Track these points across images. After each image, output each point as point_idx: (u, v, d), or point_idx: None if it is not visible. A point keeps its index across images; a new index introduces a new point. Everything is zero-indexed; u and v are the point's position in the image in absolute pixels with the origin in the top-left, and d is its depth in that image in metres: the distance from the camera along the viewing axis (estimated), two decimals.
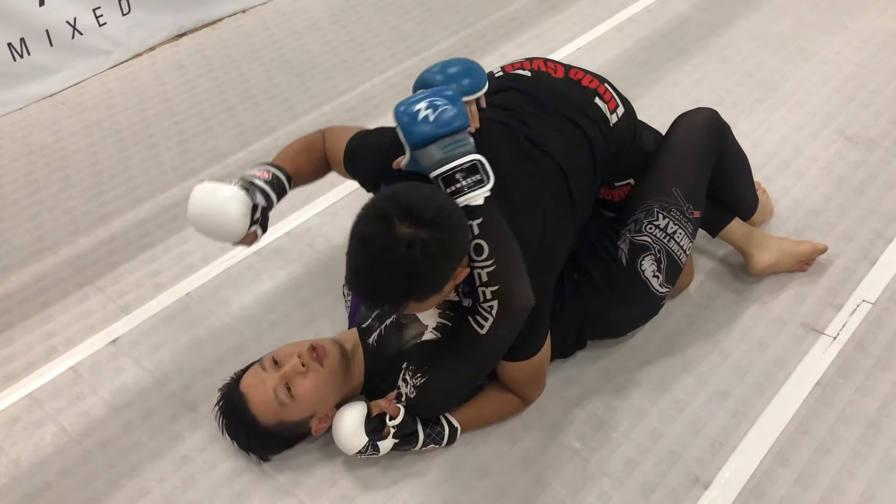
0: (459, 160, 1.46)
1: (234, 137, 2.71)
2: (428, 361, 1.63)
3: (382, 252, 1.36)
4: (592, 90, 1.76)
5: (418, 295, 1.43)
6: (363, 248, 1.39)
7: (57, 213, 2.43)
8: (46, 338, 2.04)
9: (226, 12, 3.33)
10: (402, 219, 1.36)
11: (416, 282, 1.40)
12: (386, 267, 1.37)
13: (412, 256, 1.35)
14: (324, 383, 1.63)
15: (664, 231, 1.78)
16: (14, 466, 1.75)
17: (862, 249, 2.13)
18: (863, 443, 1.71)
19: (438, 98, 1.47)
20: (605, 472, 1.68)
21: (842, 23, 3.06)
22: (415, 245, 1.35)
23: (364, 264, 1.39)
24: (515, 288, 1.51)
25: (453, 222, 1.41)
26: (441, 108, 1.45)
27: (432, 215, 1.37)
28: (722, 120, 1.93)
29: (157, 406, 1.86)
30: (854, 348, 1.89)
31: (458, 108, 1.47)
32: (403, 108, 1.48)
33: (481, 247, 1.48)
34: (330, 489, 1.67)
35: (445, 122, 1.45)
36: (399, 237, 1.35)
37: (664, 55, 2.95)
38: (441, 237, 1.37)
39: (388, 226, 1.36)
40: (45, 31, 2.84)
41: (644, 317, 1.89)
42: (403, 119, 1.47)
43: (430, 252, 1.36)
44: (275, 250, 2.25)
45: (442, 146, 1.46)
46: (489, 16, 3.26)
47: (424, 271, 1.38)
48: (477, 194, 1.47)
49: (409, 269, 1.36)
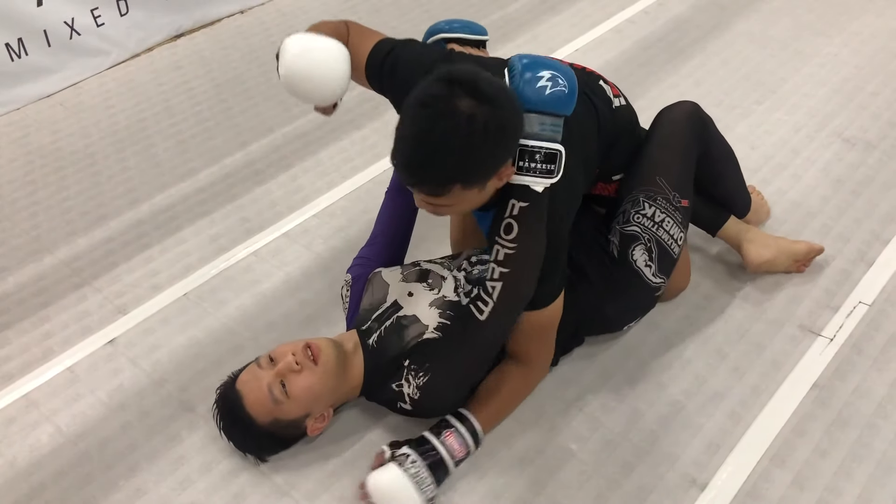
0: (548, 143, 1.46)
1: (233, 138, 2.71)
2: (429, 359, 1.63)
3: (441, 117, 1.34)
4: (597, 76, 1.83)
5: (465, 176, 1.39)
6: (425, 113, 1.36)
7: (54, 213, 2.43)
8: (43, 338, 2.04)
9: (224, 13, 3.34)
10: (466, 92, 1.34)
11: (469, 158, 1.37)
12: (444, 134, 1.34)
13: (472, 128, 1.33)
14: (318, 382, 1.62)
15: (651, 219, 1.79)
16: (10, 467, 1.75)
17: (859, 251, 2.14)
18: (859, 444, 1.71)
19: (562, 77, 1.46)
20: (601, 473, 1.68)
21: (840, 25, 3.07)
22: (477, 118, 1.34)
23: (421, 129, 1.36)
24: (523, 277, 1.53)
25: (514, 105, 1.41)
26: (560, 87, 1.44)
27: (495, 93, 1.37)
28: (703, 111, 1.95)
29: (154, 407, 1.86)
30: (851, 350, 1.90)
31: (573, 94, 1.47)
32: (528, 62, 1.46)
33: (511, 227, 1.50)
34: (327, 490, 1.67)
35: (557, 102, 1.45)
36: (462, 109, 1.34)
37: (662, 57, 2.95)
38: (502, 115, 1.37)
39: (451, 95, 1.34)
40: (43, 31, 2.84)
41: (640, 309, 1.89)
42: (525, 75, 1.45)
43: (489, 128, 1.35)
44: (272, 251, 2.25)
45: (541, 121, 1.46)
46: (488, 17, 3.27)
47: (479, 147, 1.36)
48: (540, 181, 1.48)
49: (466, 140, 1.34)
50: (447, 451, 1.60)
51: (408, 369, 1.64)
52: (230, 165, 2.58)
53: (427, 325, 1.68)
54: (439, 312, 1.68)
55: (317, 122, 2.74)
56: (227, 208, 2.41)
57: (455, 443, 1.62)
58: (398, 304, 1.74)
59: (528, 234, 1.51)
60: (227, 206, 2.42)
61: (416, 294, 1.74)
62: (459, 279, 1.74)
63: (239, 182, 2.51)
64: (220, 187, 2.49)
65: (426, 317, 1.69)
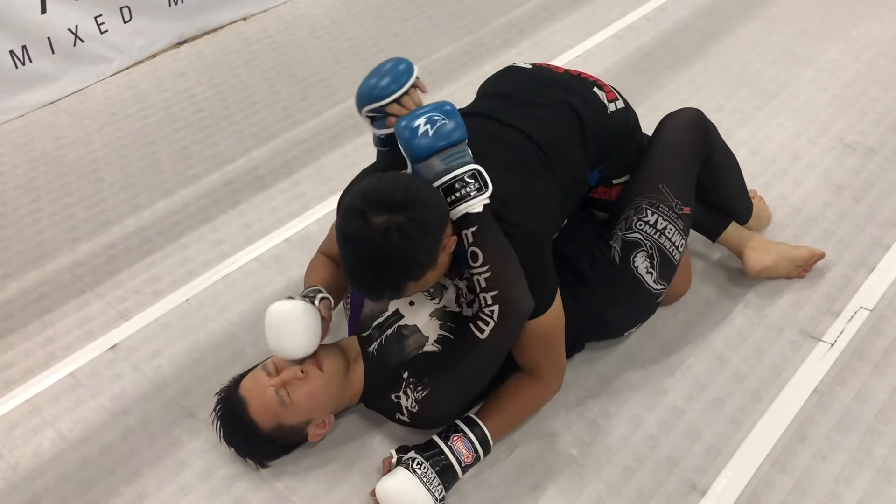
0: (459, 170, 1.51)
1: (235, 144, 2.72)
2: (428, 374, 1.64)
3: (365, 246, 1.43)
4: (591, 82, 1.85)
5: (412, 275, 1.48)
6: (348, 247, 1.46)
7: (57, 219, 2.44)
8: (46, 344, 2.05)
9: (226, 20, 3.35)
10: (374, 210, 1.42)
11: (406, 264, 1.45)
12: (373, 259, 1.43)
13: (392, 242, 1.41)
14: (322, 389, 1.63)
15: (654, 227, 1.79)
16: (13, 472, 1.76)
17: (860, 256, 2.14)
18: (860, 450, 1.71)
19: (437, 113, 1.52)
20: (602, 478, 1.68)
21: (841, 30, 3.07)
22: (391, 231, 1.41)
23: (353, 262, 1.47)
24: (514, 291, 1.54)
25: (421, 198, 1.46)
26: (439, 123, 1.51)
27: (400, 198, 1.43)
28: (706, 118, 1.95)
29: (155, 412, 1.86)
30: (852, 355, 1.89)
31: (456, 121, 1.53)
32: (404, 124, 1.53)
33: (476, 254, 1.53)
34: (327, 496, 1.67)
35: (444, 136, 1.51)
36: (376, 227, 1.41)
37: (663, 63, 2.96)
38: (414, 215, 1.43)
39: (363, 220, 1.42)
40: (47, 38, 2.86)
41: (641, 315, 1.89)
42: (405, 134, 1.52)
43: (408, 233, 1.42)
44: (274, 257, 2.25)
45: (442, 158, 1.51)
46: (489, 23, 3.28)
47: (410, 252, 1.44)
48: (476, 202, 1.51)
49: (394, 254, 1.42)
50: (454, 455, 1.61)
51: (406, 382, 1.65)
52: (232, 171, 2.59)
53: (427, 336, 1.69)
54: (440, 324, 1.69)
55: (318, 128, 2.75)
56: (229, 214, 2.42)
57: (463, 447, 1.62)
58: (399, 313, 1.74)
59: (492, 251, 1.53)
60: (228, 212, 2.43)
61: (417, 303, 1.74)
62: (462, 289, 1.74)
63: (241, 188, 2.52)
64: (222, 193, 2.50)
65: (427, 328, 1.70)
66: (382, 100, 1.66)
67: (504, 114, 1.73)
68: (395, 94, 1.66)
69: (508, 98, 1.79)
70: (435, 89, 2.90)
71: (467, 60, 3.06)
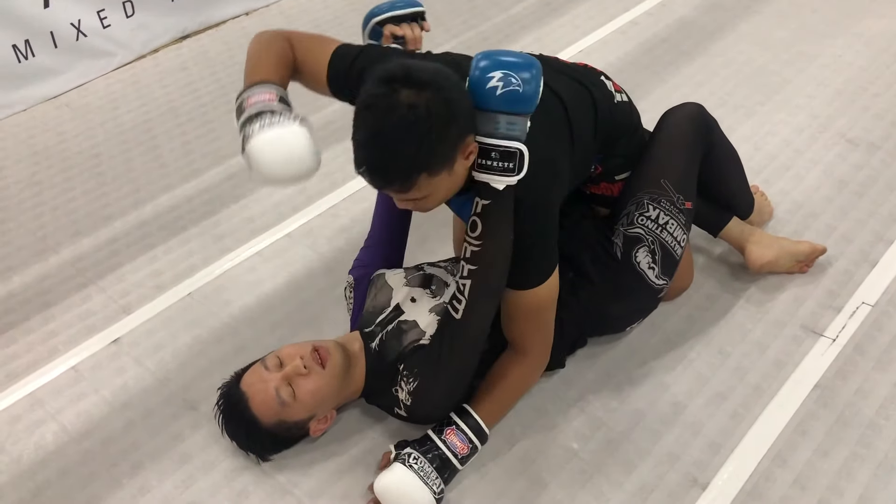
0: (504, 142, 1.44)
1: (237, 139, 2.69)
2: (418, 364, 1.64)
3: (386, 114, 1.35)
4: (598, 72, 1.84)
5: (428, 164, 1.39)
6: (369, 114, 1.37)
7: (60, 213, 2.44)
8: (48, 337, 2.05)
9: (229, 15, 3.35)
10: (403, 85, 1.35)
11: (423, 145, 1.36)
12: (392, 131, 1.35)
13: (417, 115, 1.34)
14: (325, 385, 1.63)
15: (655, 222, 1.79)
16: (15, 465, 1.76)
17: (862, 252, 2.14)
18: (861, 445, 1.71)
19: (516, 75, 1.42)
20: (603, 473, 1.68)
21: (844, 26, 3.07)
22: (418, 104, 1.34)
23: (370, 132, 1.37)
24: (491, 273, 1.52)
25: (452, 83, 1.40)
26: (513, 87, 1.41)
27: (431, 76, 1.37)
28: (707, 113, 1.94)
29: (157, 406, 1.86)
30: (853, 350, 1.90)
31: (531, 92, 1.43)
32: (483, 63, 1.43)
33: (476, 224, 1.50)
34: (329, 489, 1.68)
35: (509, 101, 1.42)
36: (402, 100, 1.34)
37: (666, 58, 2.96)
38: (442, 95, 1.36)
39: (390, 92, 1.35)
40: (50, 32, 2.86)
41: (643, 311, 1.90)
42: (475, 73, 1.43)
43: (433, 110, 1.35)
44: (276, 251, 2.26)
45: (495, 120, 1.44)
46: (491, 18, 3.27)
47: (429, 131, 1.35)
48: (500, 180, 1.47)
49: (414, 128, 1.34)
50: (449, 448, 1.61)
51: (402, 374, 1.65)
52: (235, 166, 2.59)
53: (425, 331, 1.69)
54: (438, 320, 1.69)
55: (321, 123, 2.74)
56: (232, 209, 2.42)
57: (457, 440, 1.62)
58: (400, 309, 1.75)
59: (491, 231, 1.50)
60: (231, 206, 2.43)
61: (418, 300, 1.75)
62: None
63: (243, 183, 2.52)
64: (225, 188, 2.50)
65: (426, 323, 1.70)
66: (383, 14, 1.66)
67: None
68: (395, 12, 1.66)
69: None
70: None
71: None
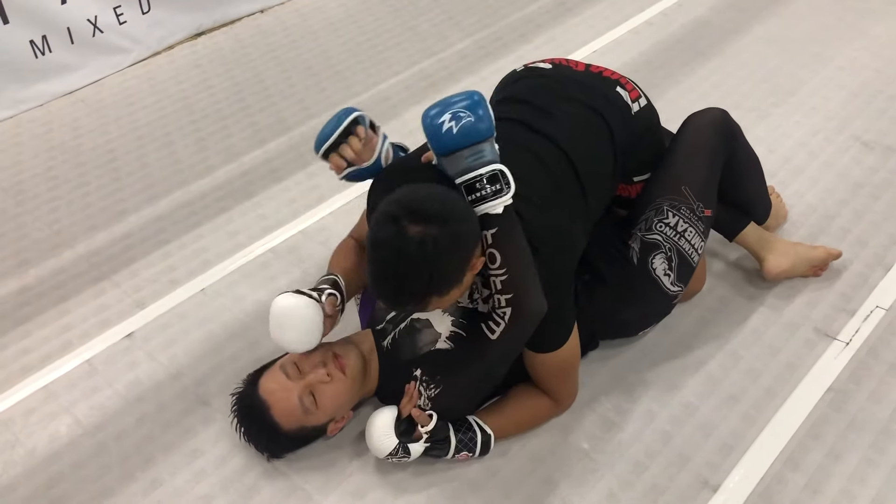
0: (481, 170, 1.48)
1: (251, 136, 2.73)
2: (440, 372, 1.64)
3: (397, 253, 1.40)
4: (614, 80, 1.82)
5: (438, 290, 1.45)
6: (378, 253, 1.42)
7: (75, 208, 2.46)
8: (63, 331, 2.06)
9: (244, 12, 3.36)
10: (409, 219, 1.39)
11: (434, 277, 1.42)
12: (402, 267, 1.40)
13: (425, 252, 1.38)
14: (347, 391, 1.65)
15: (674, 229, 1.78)
16: (30, 457, 1.77)
17: (876, 255, 2.12)
18: (874, 449, 1.70)
19: (462, 107, 1.48)
20: (613, 473, 1.68)
21: (860, 28, 3.05)
22: (426, 241, 1.38)
23: (381, 268, 1.43)
24: (528, 295, 1.53)
25: (459, 213, 1.44)
26: (464, 120, 1.46)
27: (438, 210, 1.41)
28: (732, 119, 1.93)
29: (170, 400, 1.88)
30: (867, 354, 1.89)
31: (482, 115, 1.48)
32: (430, 119, 1.50)
33: (495, 256, 1.51)
34: (340, 485, 1.68)
35: (467, 133, 1.47)
36: (411, 236, 1.39)
37: (680, 59, 2.95)
38: (450, 230, 1.41)
39: (398, 227, 1.39)
40: (67, 28, 2.88)
41: (656, 316, 1.89)
42: (429, 129, 1.49)
43: (442, 246, 1.39)
44: (289, 248, 2.26)
45: (464, 155, 1.48)
46: (506, 18, 3.27)
47: (440, 265, 1.41)
48: (497, 203, 1.49)
49: (425, 265, 1.39)
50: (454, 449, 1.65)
51: (420, 380, 1.65)
52: (248, 163, 2.60)
53: (440, 332, 1.69)
54: (452, 320, 1.69)
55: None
56: (245, 205, 2.43)
57: (465, 451, 1.66)
58: None
59: (511, 255, 1.51)
60: (244, 203, 2.44)
61: None
62: (476, 284, 1.74)
63: (257, 179, 2.53)
64: (238, 184, 2.51)
65: (439, 323, 1.70)
66: (321, 149, 1.70)
67: (536, 121, 1.70)
68: (328, 143, 1.68)
69: (531, 105, 1.75)
70: (451, 83, 2.90)
71: (483, 55, 3.05)
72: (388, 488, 1.67)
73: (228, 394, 1.72)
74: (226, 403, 1.76)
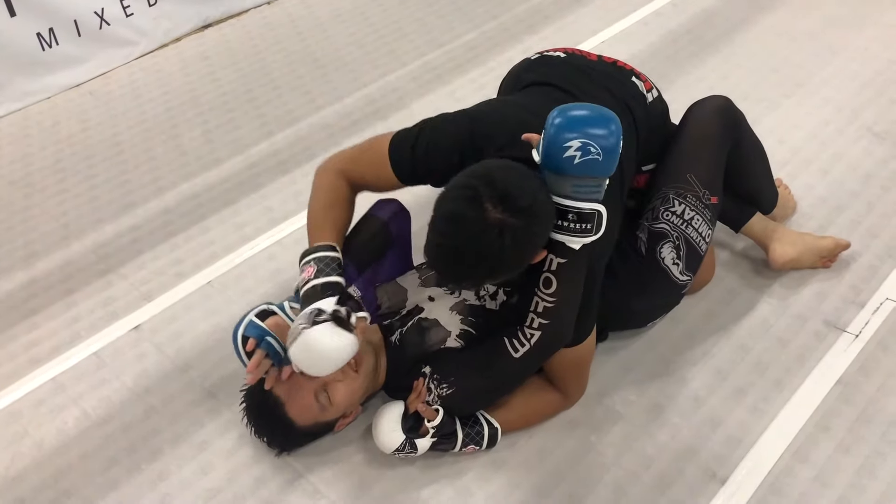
0: (581, 204, 1.43)
1: (258, 128, 2.72)
2: (454, 373, 1.64)
3: (474, 238, 1.34)
4: (629, 70, 1.82)
5: (496, 277, 1.43)
6: (454, 229, 1.35)
7: (82, 201, 2.46)
8: (70, 323, 2.07)
9: (251, 4, 3.36)
10: (495, 203, 1.33)
11: (499, 268, 1.39)
12: (475, 252, 1.35)
13: (503, 244, 1.34)
14: (359, 388, 1.66)
15: (681, 217, 1.77)
16: (38, 449, 1.78)
17: (887, 247, 2.11)
18: (884, 442, 1.69)
19: (594, 144, 1.38)
20: (621, 466, 1.68)
21: (871, 18, 3.02)
22: (506, 233, 1.34)
23: (453, 246, 1.36)
24: (562, 328, 1.55)
25: (545, 212, 1.40)
26: (592, 156, 1.38)
27: (527, 203, 1.35)
28: (735, 107, 1.92)
29: (177, 392, 1.88)
30: (877, 347, 1.87)
31: (610, 160, 1.41)
32: (557, 132, 1.38)
33: (551, 281, 1.50)
34: (347, 477, 1.68)
35: (588, 169, 1.40)
36: (491, 222, 1.33)
37: (689, 49, 2.93)
38: (532, 228, 1.37)
39: (480, 209, 1.33)
40: (74, 21, 2.88)
41: (665, 306, 1.88)
42: (552, 140, 1.39)
43: (520, 241, 1.36)
44: (296, 241, 2.26)
45: (574, 183, 1.42)
46: (513, 8, 3.26)
47: (507, 258, 1.37)
48: (578, 240, 1.46)
49: (495, 256, 1.35)
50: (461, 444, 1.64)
51: (430, 377, 1.64)
52: (255, 155, 2.60)
53: (450, 331, 1.69)
54: (461, 318, 1.69)
55: (341, 112, 2.75)
56: (252, 197, 2.43)
57: (472, 445, 1.66)
58: (419, 307, 1.75)
59: (566, 288, 1.51)
60: (251, 195, 2.44)
61: (436, 298, 1.75)
62: None
63: (264, 172, 2.53)
64: (245, 177, 2.51)
65: (448, 322, 1.70)
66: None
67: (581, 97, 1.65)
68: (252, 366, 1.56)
69: (570, 94, 1.69)
70: (458, 74, 2.89)
71: (491, 46, 3.04)
72: (394, 481, 1.67)
73: (237, 389, 1.73)
74: (233, 396, 1.76)
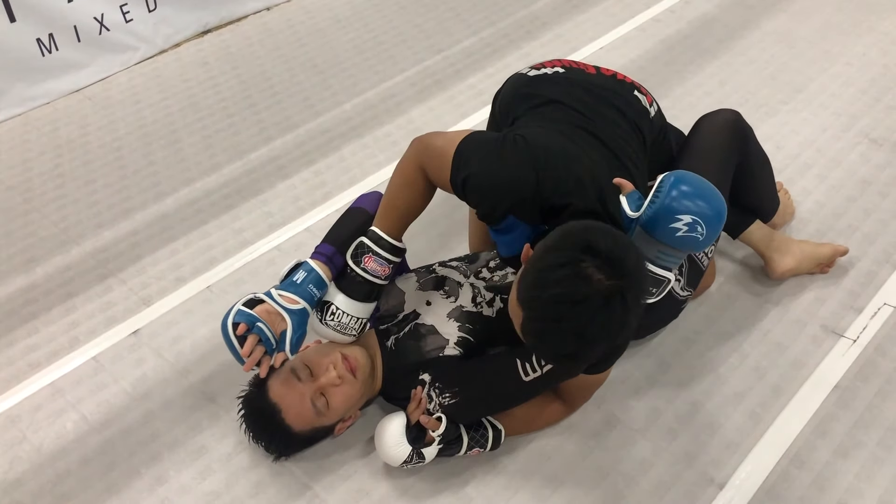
0: (659, 271, 1.47)
1: (257, 133, 2.73)
2: (458, 384, 1.63)
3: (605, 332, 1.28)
4: (630, 84, 1.80)
5: (625, 342, 1.55)
6: (572, 311, 1.26)
7: (82, 206, 2.46)
8: (69, 328, 2.07)
9: (250, 10, 3.36)
10: (608, 273, 1.26)
11: (627, 331, 1.33)
12: (601, 324, 1.28)
13: (626, 321, 1.29)
14: (357, 393, 1.66)
15: None
16: (36, 453, 1.78)
17: (884, 252, 2.11)
18: (881, 447, 1.69)
19: (703, 225, 1.42)
20: (619, 470, 1.68)
21: (868, 24, 3.03)
22: (629, 326, 1.31)
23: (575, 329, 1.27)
24: (580, 369, 1.58)
25: (643, 273, 1.36)
26: (695, 234, 1.42)
27: (633, 264, 1.30)
28: (744, 121, 1.92)
29: (176, 397, 1.88)
30: (874, 352, 1.88)
31: (707, 242, 1.45)
32: (673, 203, 1.41)
33: None
34: (345, 482, 1.68)
35: (684, 244, 1.44)
36: (613, 302, 1.26)
37: (687, 56, 2.94)
38: (643, 286, 1.36)
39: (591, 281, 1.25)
40: (73, 26, 2.89)
41: (665, 320, 1.89)
42: (663, 208, 1.41)
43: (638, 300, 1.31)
44: (295, 245, 2.26)
45: (661, 250, 1.46)
46: (512, 14, 3.27)
47: (633, 320, 1.32)
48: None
49: (622, 320, 1.29)
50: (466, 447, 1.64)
51: (430, 385, 1.64)
52: (254, 160, 2.60)
53: (447, 339, 1.69)
54: (458, 325, 1.69)
55: (340, 118, 2.75)
56: (251, 203, 2.43)
57: (477, 448, 1.66)
58: (416, 313, 1.75)
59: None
60: (250, 200, 2.44)
61: (433, 303, 1.75)
62: (479, 288, 1.74)
63: (263, 177, 2.53)
64: (245, 182, 2.52)
65: (445, 329, 1.70)
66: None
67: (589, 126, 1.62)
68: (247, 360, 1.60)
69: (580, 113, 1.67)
70: (457, 80, 2.90)
71: (490, 52, 3.05)
72: (392, 483, 1.67)
73: (235, 396, 1.73)
74: (232, 400, 1.76)
